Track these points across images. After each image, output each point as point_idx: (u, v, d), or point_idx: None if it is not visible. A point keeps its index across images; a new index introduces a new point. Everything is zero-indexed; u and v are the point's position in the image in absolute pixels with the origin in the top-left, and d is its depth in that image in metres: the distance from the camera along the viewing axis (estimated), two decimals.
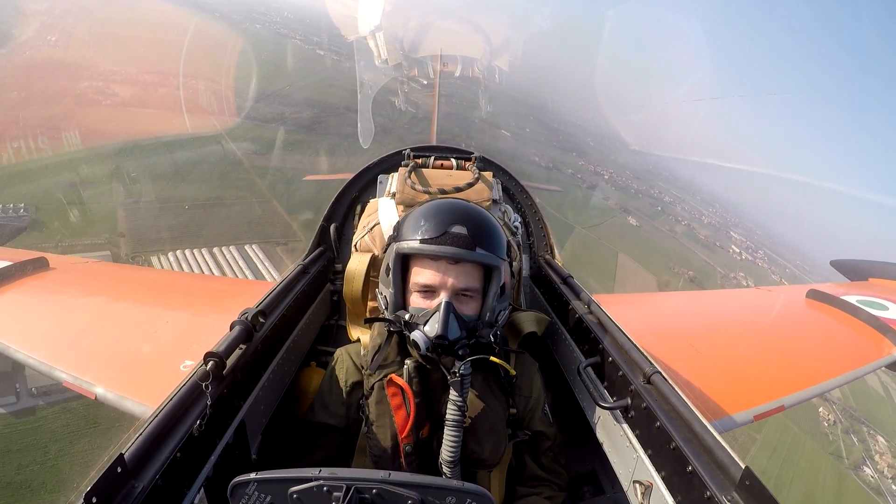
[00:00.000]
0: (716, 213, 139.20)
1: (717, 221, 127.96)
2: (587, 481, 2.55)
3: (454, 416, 1.69)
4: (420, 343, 1.67)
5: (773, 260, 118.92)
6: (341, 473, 1.10)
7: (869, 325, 3.31)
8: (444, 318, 1.66)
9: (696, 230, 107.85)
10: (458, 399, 1.69)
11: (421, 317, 1.72)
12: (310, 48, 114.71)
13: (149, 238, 40.60)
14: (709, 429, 1.36)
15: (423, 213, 1.82)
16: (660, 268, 77.46)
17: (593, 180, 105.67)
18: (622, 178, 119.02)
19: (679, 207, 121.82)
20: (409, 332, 1.74)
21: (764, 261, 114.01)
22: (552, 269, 2.73)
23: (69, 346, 2.70)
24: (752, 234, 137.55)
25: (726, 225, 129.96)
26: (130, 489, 1.14)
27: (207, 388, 1.44)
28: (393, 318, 1.81)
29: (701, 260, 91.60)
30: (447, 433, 1.70)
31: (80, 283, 3.60)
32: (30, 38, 75.64)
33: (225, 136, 61.27)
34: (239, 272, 38.62)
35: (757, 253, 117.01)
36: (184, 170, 51.03)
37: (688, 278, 76.58)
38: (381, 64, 14.18)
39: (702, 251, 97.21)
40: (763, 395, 2.59)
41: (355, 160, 18.94)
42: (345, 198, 3.11)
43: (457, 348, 1.68)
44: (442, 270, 1.73)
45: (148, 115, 63.18)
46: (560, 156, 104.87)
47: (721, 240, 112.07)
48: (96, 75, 68.85)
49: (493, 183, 2.61)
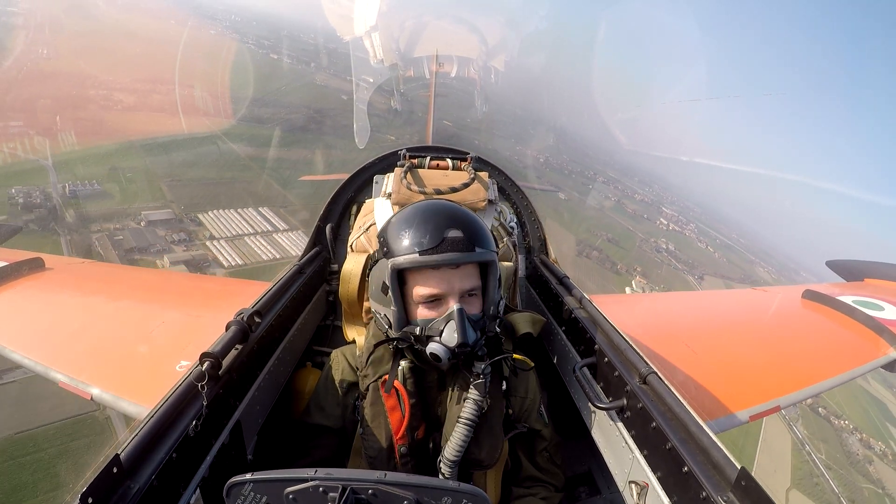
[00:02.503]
0: (652, 192, 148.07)
1: (649, 199, 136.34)
2: (583, 482, 2.55)
3: (471, 414, 1.70)
4: (441, 354, 1.64)
5: (703, 231, 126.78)
6: (337, 474, 1.10)
7: (865, 325, 3.32)
8: (460, 326, 1.63)
9: (626, 205, 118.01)
10: (479, 398, 1.70)
11: (433, 328, 1.68)
12: (263, 52, 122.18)
13: (191, 203, 52.57)
14: (704, 429, 1.36)
15: (409, 222, 1.75)
16: (580, 230, 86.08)
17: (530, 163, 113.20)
18: (558, 161, 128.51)
19: (612, 187, 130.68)
20: (423, 347, 1.70)
21: (693, 232, 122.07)
22: (548, 270, 2.73)
23: (65, 346, 2.70)
24: (687, 211, 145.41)
25: (659, 202, 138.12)
26: (126, 489, 1.14)
27: (203, 388, 1.43)
28: (401, 335, 1.76)
29: (623, 227, 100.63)
30: (458, 431, 1.70)
31: (75, 283, 3.59)
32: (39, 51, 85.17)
33: (222, 137, 71.85)
34: (257, 225, 51.18)
35: (687, 226, 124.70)
36: (192, 160, 63.25)
37: (606, 239, 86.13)
38: (376, 64, 14.15)
39: (627, 221, 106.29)
40: (759, 396, 2.60)
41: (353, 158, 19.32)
42: (341, 198, 3.10)
43: (476, 350, 1.69)
44: (446, 277, 1.69)
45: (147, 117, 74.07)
46: (501, 142, 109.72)
47: (650, 213, 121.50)
48: (99, 84, 79.24)
49: (488, 183, 2.61)
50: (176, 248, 43.58)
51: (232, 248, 46.48)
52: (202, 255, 43.86)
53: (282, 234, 50.17)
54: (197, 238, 46.67)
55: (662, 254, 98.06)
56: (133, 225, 45.41)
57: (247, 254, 46.21)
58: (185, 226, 48.09)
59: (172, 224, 47.45)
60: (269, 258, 45.81)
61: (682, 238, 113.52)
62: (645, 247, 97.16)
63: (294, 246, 47.22)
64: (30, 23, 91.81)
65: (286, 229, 51.43)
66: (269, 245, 47.96)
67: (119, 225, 44.78)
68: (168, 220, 47.29)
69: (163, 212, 48.02)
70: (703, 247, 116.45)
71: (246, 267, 44.09)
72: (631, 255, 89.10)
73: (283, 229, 51.36)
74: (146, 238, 43.59)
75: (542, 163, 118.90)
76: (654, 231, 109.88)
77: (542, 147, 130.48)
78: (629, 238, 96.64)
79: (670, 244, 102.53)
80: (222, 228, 49.22)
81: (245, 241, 47.84)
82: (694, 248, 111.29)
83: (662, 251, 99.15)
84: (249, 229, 49.90)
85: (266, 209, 55.36)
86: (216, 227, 48.99)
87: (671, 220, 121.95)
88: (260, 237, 49.08)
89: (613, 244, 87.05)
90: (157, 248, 42.70)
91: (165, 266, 40.58)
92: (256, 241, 48.44)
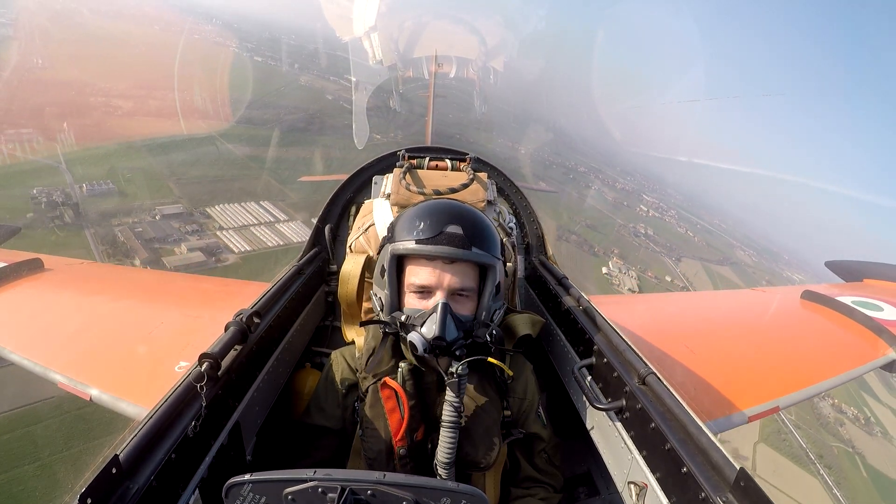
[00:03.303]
0: (634, 181, 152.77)
1: (630, 188, 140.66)
2: (582, 482, 2.55)
3: (450, 417, 1.68)
4: (417, 344, 1.66)
5: (683, 217, 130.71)
6: (336, 475, 1.10)
7: (864, 325, 3.32)
8: (441, 319, 1.65)
9: (605, 193, 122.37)
10: (454, 400, 1.68)
11: (417, 318, 1.72)
12: (247, 55, 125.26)
13: (198, 198, 56.43)
14: (703, 430, 1.36)
15: (417, 213, 1.81)
16: (560, 216, 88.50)
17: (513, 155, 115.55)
18: (541, 154, 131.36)
19: (593, 176, 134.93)
20: (405, 334, 1.74)
21: (674, 218, 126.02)
22: (547, 270, 2.73)
23: (64, 347, 2.70)
24: (667, 198, 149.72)
25: (640, 191, 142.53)
26: (125, 490, 1.14)
27: (202, 389, 1.43)
28: (389, 319, 1.80)
29: (603, 213, 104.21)
30: (443, 435, 1.70)
31: (74, 284, 3.59)
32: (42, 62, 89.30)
33: (220, 139, 75.98)
34: (260, 217, 55.99)
35: (668, 212, 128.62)
36: (192, 160, 67.97)
37: (585, 224, 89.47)
38: (375, 65, 14.14)
39: (606, 208, 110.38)
40: (758, 396, 2.60)
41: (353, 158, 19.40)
42: (339, 199, 3.10)
43: (454, 349, 1.67)
44: (438, 271, 1.72)
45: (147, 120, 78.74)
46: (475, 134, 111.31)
47: (630, 201, 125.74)
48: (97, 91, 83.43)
49: (487, 184, 2.61)
50: (190, 238, 48.07)
51: (240, 237, 51.06)
52: (214, 242, 48.46)
53: (283, 224, 54.77)
54: (208, 229, 50.96)
55: (641, 238, 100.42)
56: (149, 219, 49.81)
57: (253, 241, 50.75)
58: (195, 218, 52.41)
59: (184, 217, 52.00)
60: (274, 245, 50.43)
61: (661, 223, 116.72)
62: (623, 231, 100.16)
63: (295, 235, 52.16)
64: (20, 33, 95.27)
65: (286, 220, 56.31)
66: (273, 234, 52.75)
67: (137, 219, 49.12)
68: (180, 213, 52.01)
69: (174, 206, 52.51)
70: (682, 231, 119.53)
71: (254, 252, 48.73)
72: (609, 238, 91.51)
73: (284, 220, 56.17)
74: (163, 229, 48.13)
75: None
76: (634, 217, 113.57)
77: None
78: (607, 224, 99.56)
79: (649, 229, 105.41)
80: (229, 220, 53.91)
81: (251, 230, 52.44)
82: (673, 233, 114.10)
83: (641, 235, 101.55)
84: (254, 220, 54.69)
85: (266, 203, 59.98)
86: (224, 219, 53.94)
87: (651, 207, 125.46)
88: (264, 227, 53.67)
89: (592, 229, 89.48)
90: (173, 238, 47.12)
91: (183, 253, 44.94)
92: (261, 230, 53.19)
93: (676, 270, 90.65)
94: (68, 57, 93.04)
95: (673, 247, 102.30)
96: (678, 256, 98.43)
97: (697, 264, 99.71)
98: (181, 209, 53.19)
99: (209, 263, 44.71)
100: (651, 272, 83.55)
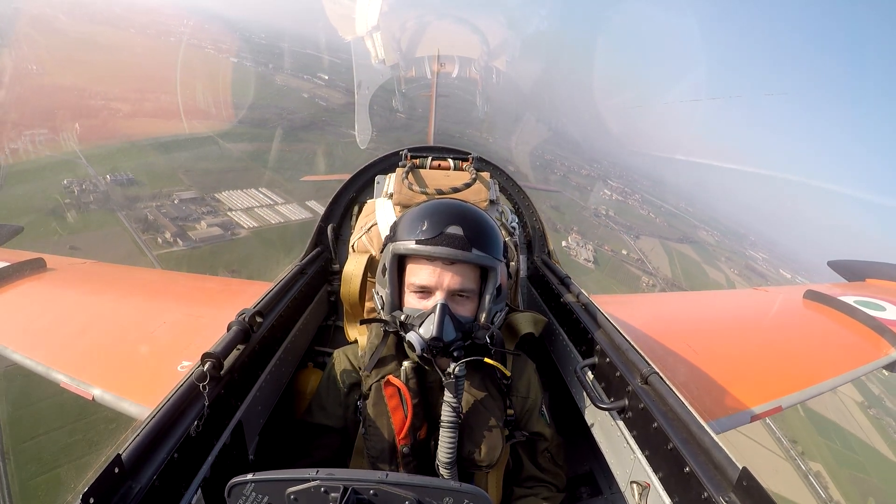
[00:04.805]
0: (599, 168, 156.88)
1: (595, 174, 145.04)
2: (585, 482, 2.55)
3: (449, 417, 1.69)
4: (415, 344, 1.67)
5: (647, 201, 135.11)
6: (338, 474, 1.10)
7: (866, 325, 3.31)
8: (439, 320, 1.66)
9: (571, 178, 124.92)
10: (452, 400, 1.69)
11: (416, 318, 1.72)
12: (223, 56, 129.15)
13: (207, 186, 62.42)
14: (706, 429, 1.36)
15: (419, 213, 1.81)
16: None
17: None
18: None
19: (559, 163, 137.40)
20: (404, 333, 1.74)
21: (637, 202, 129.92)
22: (549, 270, 2.73)
23: (67, 346, 2.70)
24: (633, 183, 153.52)
25: (606, 176, 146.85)
26: (128, 490, 1.14)
27: (205, 388, 1.44)
28: (389, 318, 1.81)
29: (567, 197, 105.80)
30: (443, 434, 1.70)
31: (77, 283, 3.59)
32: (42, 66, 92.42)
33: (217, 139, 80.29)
34: (263, 199, 63.18)
35: (631, 196, 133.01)
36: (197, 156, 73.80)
37: (548, 205, 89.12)
38: (378, 64, 14.13)
39: (570, 192, 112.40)
40: (760, 396, 2.59)
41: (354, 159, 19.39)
42: (342, 198, 3.10)
43: (452, 350, 1.67)
44: (437, 271, 1.72)
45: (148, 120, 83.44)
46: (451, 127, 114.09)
47: (594, 186, 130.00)
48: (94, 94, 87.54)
49: (490, 183, 2.61)
50: (206, 217, 55.25)
51: (248, 216, 58.60)
52: (227, 220, 55.80)
53: (283, 206, 62.53)
54: (220, 210, 58.35)
55: (601, 218, 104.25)
56: (168, 202, 56.82)
57: (259, 220, 58.16)
58: (208, 202, 59.94)
59: (198, 201, 59.47)
60: (276, 223, 57.95)
61: (624, 206, 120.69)
62: (583, 213, 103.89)
63: (294, 215, 60.02)
64: (8, 40, 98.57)
65: (283, 202, 63.78)
66: (276, 214, 60.79)
67: (159, 203, 56.09)
68: (195, 198, 59.62)
69: (189, 192, 60.43)
70: (644, 213, 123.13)
71: (261, 228, 56.19)
72: (568, 218, 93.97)
73: (283, 202, 63.77)
74: (183, 210, 55.14)
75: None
76: (596, 200, 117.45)
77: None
78: (570, 206, 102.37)
79: (610, 211, 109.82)
80: (237, 203, 61.57)
81: (256, 211, 60.26)
82: (634, 215, 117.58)
83: (602, 216, 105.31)
84: (257, 203, 62.66)
85: (265, 189, 67.20)
86: (232, 203, 61.64)
87: (615, 192, 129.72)
88: (266, 208, 61.73)
89: (554, 209, 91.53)
90: (193, 217, 54.30)
91: (203, 228, 51.42)
92: (265, 211, 61.19)
93: (633, 245, 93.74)
94: (57, 62, 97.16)
95: (632, 226, 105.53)
96: (637, 234, 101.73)
97: (656, 242, 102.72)
98: (196, 194, 60.86)
99: (226, 237, 51.97)
100: (608, 246, 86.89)
